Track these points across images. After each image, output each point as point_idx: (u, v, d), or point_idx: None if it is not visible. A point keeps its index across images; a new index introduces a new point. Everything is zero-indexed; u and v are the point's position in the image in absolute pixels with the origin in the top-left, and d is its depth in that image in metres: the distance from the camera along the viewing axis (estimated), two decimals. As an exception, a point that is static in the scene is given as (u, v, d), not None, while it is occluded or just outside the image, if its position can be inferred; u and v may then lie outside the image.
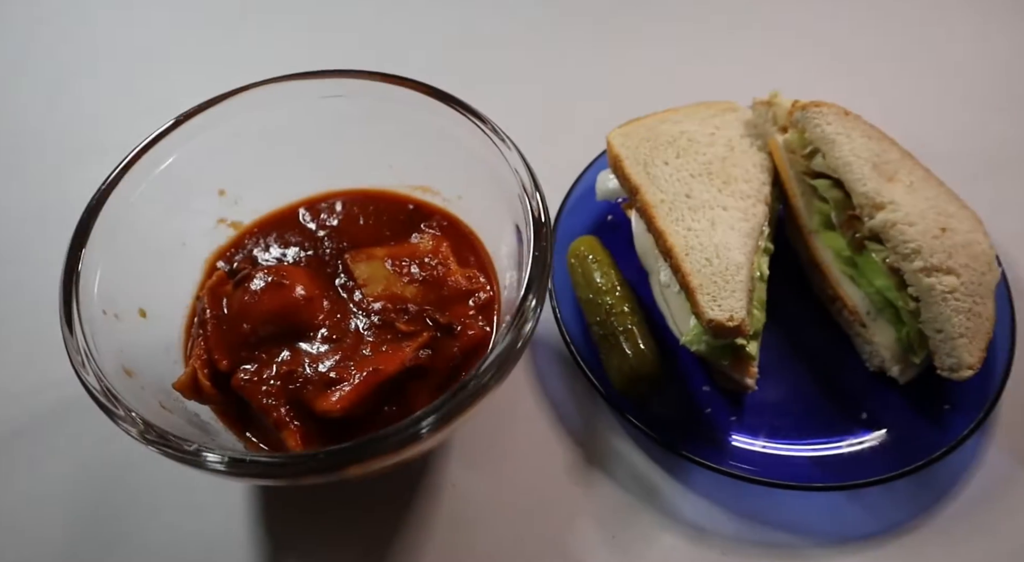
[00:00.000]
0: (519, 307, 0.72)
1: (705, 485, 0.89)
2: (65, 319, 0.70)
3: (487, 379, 0.69)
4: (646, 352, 0.90)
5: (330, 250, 0.92)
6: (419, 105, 0.88)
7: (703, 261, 0.89)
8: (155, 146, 0.84)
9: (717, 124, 1.03)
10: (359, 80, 0.88)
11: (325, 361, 0.80)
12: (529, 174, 0.80)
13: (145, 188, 0.83)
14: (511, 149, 0.82)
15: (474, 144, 0.85)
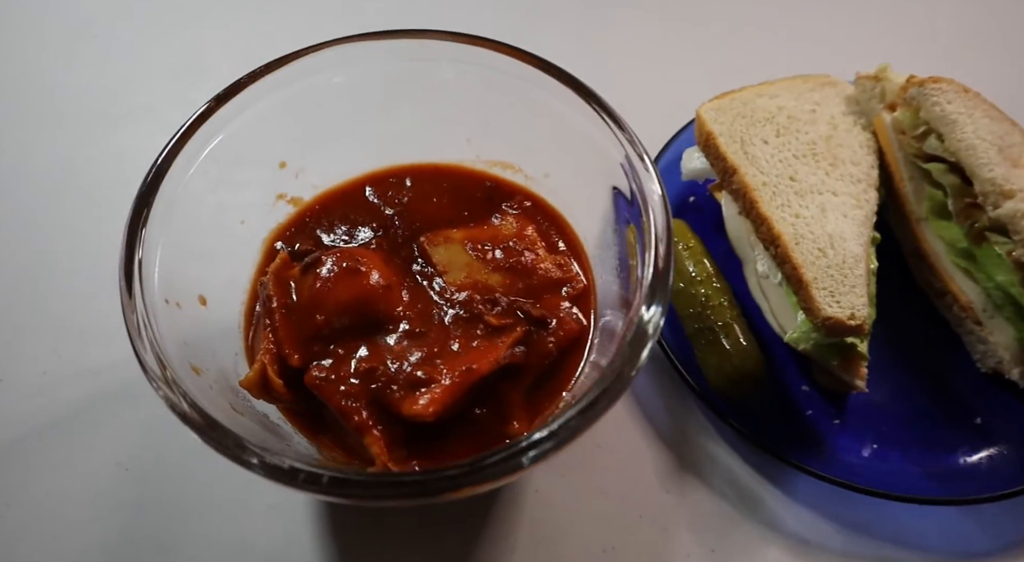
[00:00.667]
0: (637, 326, 0.63)
1: (809, 494, 0.82)
2: (129, 307, 0.61)
3: (602, 404, 0.61)
4: (749, 349, 0.82)
5: (402, 231, 0.83)
6: (505, 70, 0.78)
7: (815, 252, 0.81)
8: (213, 114, 0.74)
9: (816, 100, 0.95)
10: (437, 41, 0.78)
11: (410, 358, 0.71)
12: (645, 156, 0.71)
13: (203, 160, 0.74)
14: (619, 126, 0.73)
15: (571, 116, 0.76)
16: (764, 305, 0.89)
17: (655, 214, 0.69)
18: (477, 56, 0.78)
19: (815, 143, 0.90)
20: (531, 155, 0.85)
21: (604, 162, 0.75)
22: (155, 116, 1.07)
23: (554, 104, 0.77)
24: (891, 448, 0.83)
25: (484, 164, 0.88)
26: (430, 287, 0.78)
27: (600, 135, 0.74)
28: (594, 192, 0.78)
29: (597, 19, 1.27)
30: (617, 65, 1.19)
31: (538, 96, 0.78)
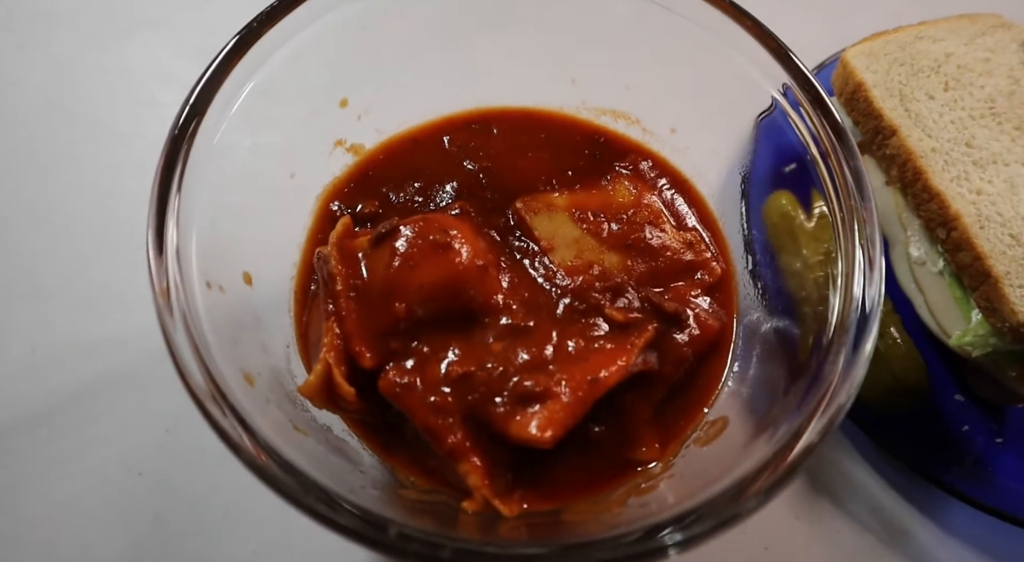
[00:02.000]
0: (852, 348, 0.48)
1: (967, 526, 0.69)
2: (165, 307, 0.44)
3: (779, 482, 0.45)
4: (910, 354, 0.67)
5: (490, 194, 0.67)
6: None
7: (1007, 239, 0.65)
8: (262, 37, 0.57)
9: (989, 46, 0.78)
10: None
11: (516, 362, 0.56)
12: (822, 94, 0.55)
13: (248, 95, 0.56)
14: (780, 57, 0.56)
15: (714, 45, 0.59)
16: (917, 298, 0.74)
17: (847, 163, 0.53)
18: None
19: (994, 100, 0.73)
20: (653, 102, 0.68)
21: (753, 99, 0.58)
22: (165, 31, 0.88)
23: (689, 30, 0.60)
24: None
25: (591, 112, 0.71)
26: (533, 268, 0.62)
27: (753, 69, 0.57)
28: (737, 150, 0.62)
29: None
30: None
31: (666, 20, 0.60)
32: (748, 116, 0.60)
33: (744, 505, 0.43)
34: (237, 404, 0.43)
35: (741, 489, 0.44)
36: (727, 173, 0.67)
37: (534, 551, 0.41)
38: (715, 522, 0.42)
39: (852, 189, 0.53)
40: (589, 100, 0.70)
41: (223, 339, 0.48)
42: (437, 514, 0.55)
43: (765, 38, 0.57)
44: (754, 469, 0.45)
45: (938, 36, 0.78)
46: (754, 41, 0.57)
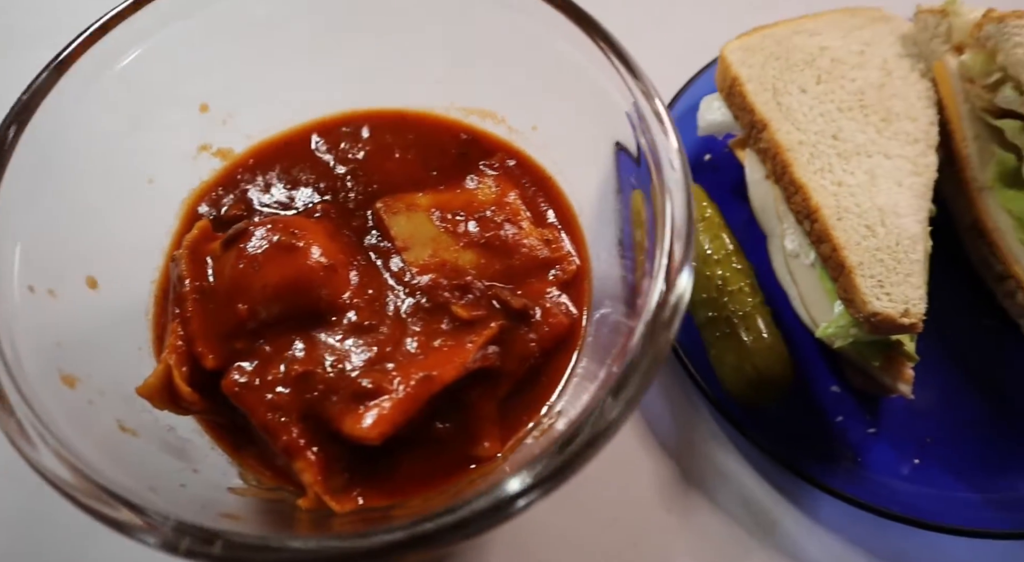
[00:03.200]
0: (659, 304, 0.49)
1: (836, 517, 0.70)
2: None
3: (613, 417, 0.46)
4: (775, 347, 0.68)
5: (355, 195, 0.68)
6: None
7: (862, 230, 0.66)
8: (108, 34, 0.58)
9: (865, 39, 0.78)
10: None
11: (356, 360, 0.57)
12: (658, 104, 0.55)
13: (94, 96, 0.58)
14: (627, 67, 0.57)
15: (567, 52, 0.60)
16: (792, 290, 0.74)
17: (669, 176, 0.53)
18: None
19: (863, 93, 0.73)
20: (517, 102, 0.68)
21: (606, 112, 0.59)
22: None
23: (546, 37, 0.61)
24: (936, 465, 0.70)
25: (459, 112, 0.71)
26: (386, 268, 0.63)
27: (603, 77, 0.58)
28: (593, 149, 0.62)
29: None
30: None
31: (526, 26, 0.61)
32: (600, 116, 0.60)
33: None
34: (32, 403, 0.44)
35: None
36: (595, 170, 0.67)
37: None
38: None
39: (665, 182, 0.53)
40: (457, 100, 0.71)
41: (42, 342, 0.49)
42: (276, 512, 0.56)
43: (609, 45, 0.58)
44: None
45: (816, 30, 0.78)
46: (597, 49, 0.58)
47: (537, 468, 0.45)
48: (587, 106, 0.61)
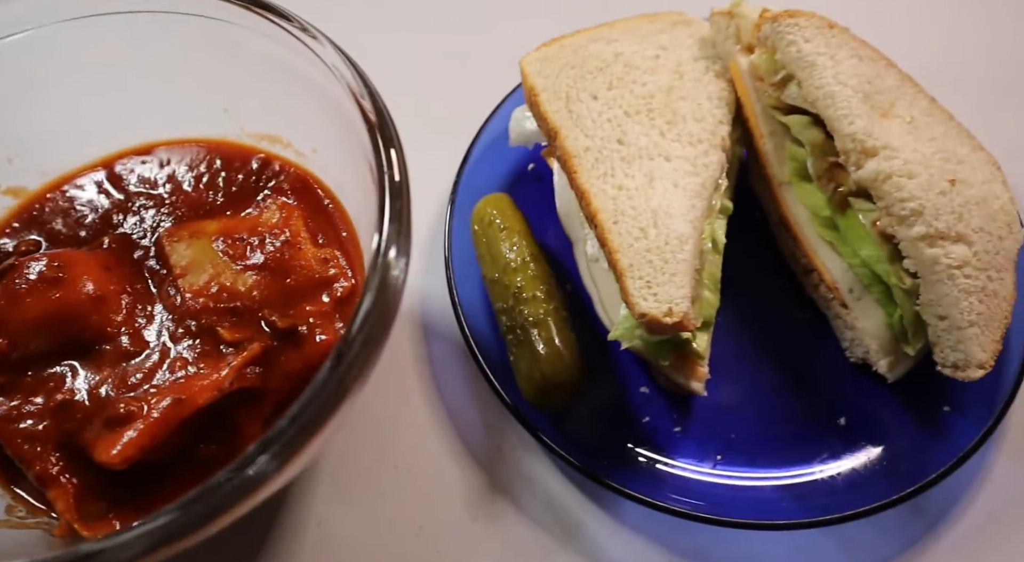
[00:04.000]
0: (371, 270, 0.50)
1: (640, 517, 0.70)
2: None
3: (323, 398, 0.48)
4: (563, 352, 0.69)
5: (147, 225, 0.69)
6: (247, 25, 0.64)
7: (636, 232, 0.67)
8: None
9: (663, 43, 0.79)
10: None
11: (114, 388, 0.58)
12: (356, 75, 0.57)
13: None
14: (328, 47, 0.59)
15: (314, 73, 0.62)
16: (594, 294, 0.75)
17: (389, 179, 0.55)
18: (209, 8, 0.63)
19: (653, 96, 0.75)
20: (297, 127, 0.70)
21: (360, 135, 0.60)
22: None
23: (309, 69, 0.62)
24: (739, 459, 0.71)
25: (251, 138, 0.73)
26: (162, 295, 0.64)
27: (349, 105, 0.60)
28: (361, 165, 0.64)
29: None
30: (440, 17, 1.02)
31: (291, 59, 0.63)
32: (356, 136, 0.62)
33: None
34: None
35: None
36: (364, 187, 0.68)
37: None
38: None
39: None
40: (247, 126, 0.72)
41: None
42: (36, 541, 0.57)
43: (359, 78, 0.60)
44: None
45: (613, 37, 0.80)
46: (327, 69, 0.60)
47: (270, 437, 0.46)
48: (347, 130, 0.62)
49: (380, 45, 0.97)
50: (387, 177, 0.55)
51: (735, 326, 0.77)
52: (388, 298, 0.52)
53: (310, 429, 0.48)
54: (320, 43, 0.59)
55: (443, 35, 1.00)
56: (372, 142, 0.56)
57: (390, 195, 0.55)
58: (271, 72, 0.66)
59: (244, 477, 0.47)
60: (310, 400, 0.48)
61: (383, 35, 0.99)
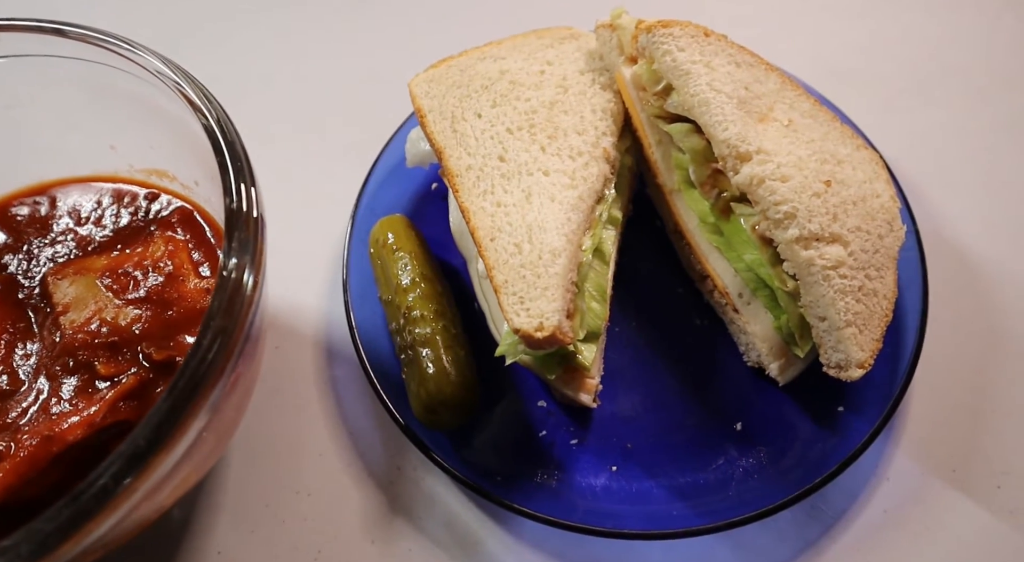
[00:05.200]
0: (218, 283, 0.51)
1: (538, 533, 0.70)
2: None
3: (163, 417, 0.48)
4: (448, 370, 0.69)
5: (35, 264, 0.70)
6: (111, 63, 0.65)
7: (511, 248, 0.67)
8: None
9: (549, 58, 0.80)
10: (11, 34, 0.64)
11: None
12: (210, 105, 0.58)
13: None
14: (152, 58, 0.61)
15: (166, 102, 0.63)
16: (486, 310, 0.76)
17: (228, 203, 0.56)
18: (61, 47, 0.64)
19: (535, 112, 0.75)
20: (179, 160, 0.71)
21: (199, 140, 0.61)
22: None
23: (164, 101, 0.63)
24: (634, 470, 0.71)
25: (140, 173, 0.74)
26: (43, 332, 0.65)
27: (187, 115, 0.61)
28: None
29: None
30: (331, 46, 1.04)
31: (153, 95, 0.64)
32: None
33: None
34: None
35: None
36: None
37: None
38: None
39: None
40: (135, 163, 0.73)
41: None
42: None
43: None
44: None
45: (500, 55, 0.80)
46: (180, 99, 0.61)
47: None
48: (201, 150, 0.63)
49: (282, 73, 0.99)
50: (229, 201, 0.56)
51: (634, 335, 0.78)
52: (234, 304, 0.52)
53: (157, 444, 0.48)
54: (142, 56, 0.60)
55: (347, 60, 1.01)
56: (212, 145, 0.57)
57: (227, 215, 0.55)
58: (145, 110, 0.67)
59: (93, 495, 0.47)
60: (153, 419, 0.48)
61: (285, 63, 1.00)
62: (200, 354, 0.50)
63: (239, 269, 0.53)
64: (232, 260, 0.54)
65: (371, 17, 1.06)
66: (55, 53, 0.64)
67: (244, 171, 0.57)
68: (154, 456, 0.48)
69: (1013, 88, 0.95)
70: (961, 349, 0.77)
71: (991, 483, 0.70)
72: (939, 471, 0.71)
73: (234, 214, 0.55)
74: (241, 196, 0.56)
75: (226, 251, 0.54)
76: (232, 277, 0.53)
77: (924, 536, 0.68)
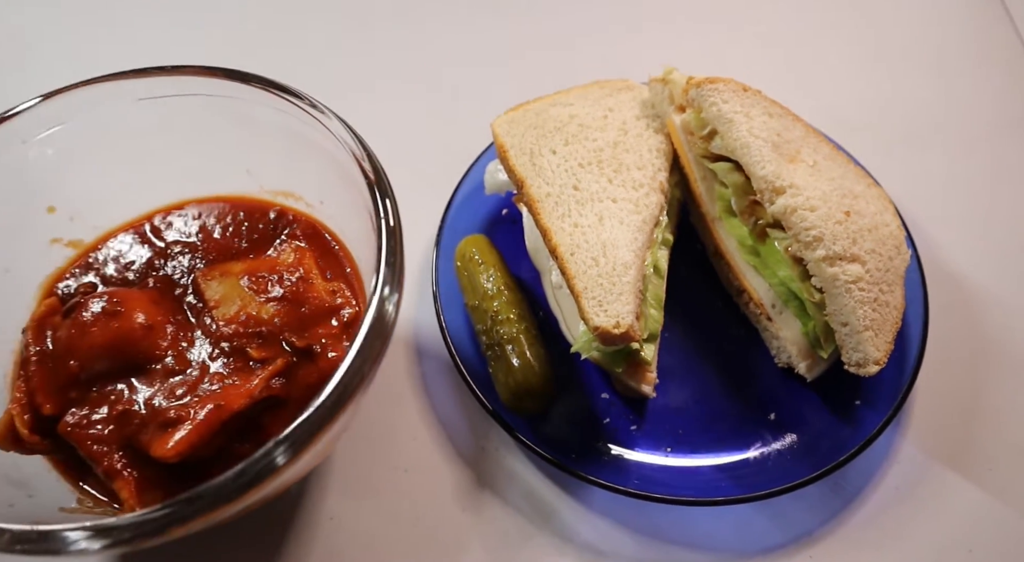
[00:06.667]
0: (370, 301, 0.64)
1: (604, 503, 0.83)
2: None
3: (331, 402, 0.61)
4: (532, 363, 0.82)
5: (182, 268, 0.83)
6: (263, 102, 0.79)
7: (589, 261, 0.81)
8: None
9: (610, 105, 0.95)
10: (193, 77, 0.78)
11: (165, 398, 0.71)
12: (357, 141, 0.72)
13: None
14: (334, 120, 0.74)
15: (318, 138, 0.77)
16: (559, 315, 0.89)
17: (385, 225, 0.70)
18: (223, 87, 0.78)
19: (602, 150, 0.90)
20: (307, 182, 0.85)
21: (353, 178, 0.75)
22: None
23: (308, 131, 0.77)
24: (685, 450, 0.83)
25: (268, 194, 0.87)
26: (199, 323, 0.78)
27: (355, 170, 0.74)
28: (361, 212, 0.78)
29: (411, 37, 1.28)
30: (424, 88, 1.19)
31: (295, 125, 0.78)
32: (359, 194, 0.76)
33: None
34: None
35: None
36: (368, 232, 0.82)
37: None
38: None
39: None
40: (265, 184, 0.87)
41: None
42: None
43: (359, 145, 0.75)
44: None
45: (568, 101, 0.95)
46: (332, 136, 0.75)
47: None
48: (346, 180, 0.77)
49: (375, 112, 1.13)
50: (383, 223, 0.69)
51: (681, 340, 0.91)
52: (383, 327, 0.64)
53: (318, 428, 0.60)
54: (327, 117, 0.74)
55: (428, 103, 1.16)
56: (371, 196, 0.70)
57: (386, 238, 0.68)
58: (284, 139, 0.80)
59: (268, 462, 0.59)
60: (319, 406, 0.60)
61: (378, 104, 1.15)
62: (353, 368, 0.62)
63: (390, 299, 0.65)
64: (386, 289, 0.65)
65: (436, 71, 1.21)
66: (226, 94, 0.78)
67: (390, 193, 0.70)
68: (327, 429, 0.60)
69: (997, 138, 1.11)
70: (956, 355, 0.91)
71: (983, 466, 0.84)
72: (940, 456, 0.85)
73: (389, 249, 0.67)
74: (389, 214, 0.69)
75: (380, 281, 0.66)
76: (384, 304, 0.65)
77: (928, 509, 0.82)
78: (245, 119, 0.80)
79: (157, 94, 0.79)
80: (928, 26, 1.25)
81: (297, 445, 0.60)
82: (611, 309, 0.77)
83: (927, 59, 1.21)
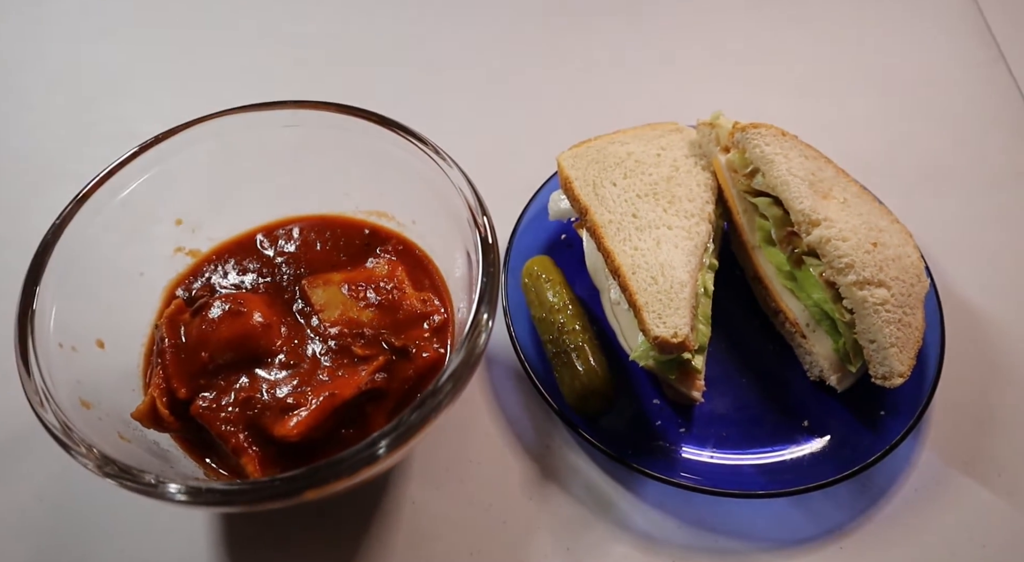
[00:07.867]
0: (472, 322, 0.75)
1: (656, 495, 0.93)
2: (21, 359, 0.71)
3: (442, 396, 0.71)
4: (596, 369, 0.93)
5: (288, 276, 0.94)
6: (368, 133, 0.90)
7: (648, 280, 0.92)
8: (113, 176, 0.86)
9: (663, 145, 1.07)
10: (312, 111, 0.91)
11: (282, 387, 0.82)
12: (474, 193, 0.83)
13: (103, 219, 0.85)
14: (454, 169, 0.85)
15: (421, 168, 0.88)
16: (617, 329, 1.00)
17: (480, 230, 0.81)
18: (339, 121, 0.90)
19: (657, 183, 1.02)
20: (399, 203, 0.96)
21: (449, 201, 0.86)
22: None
23: (403, 156, 0.89)
24: (728, 450, 0.94)
25: (363, 214, 0.99)
26: (307, 324, 0.89)
27: (438, 178, 0.86)
28: (452, 232, 0.89)
29: (488, 77, 1.41)
30: (495, 122, 1.32)
31: (391, 150, 0.90)
32: (452, 215, 0.87)
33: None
34: (67, 417, 0.69)
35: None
36: (456, 250, 0.93)
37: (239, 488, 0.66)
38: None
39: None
40: (360, 206, 0.99)
41: (67, 378, 0.74)
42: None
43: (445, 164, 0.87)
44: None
45: (625, 140, 1.07)
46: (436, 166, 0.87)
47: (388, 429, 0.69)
48: (442, 207, 0.88)
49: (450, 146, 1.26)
50: (486, 271, 0.79)
51: (723, 354, 1.02)
52: (474, 356, 0.74)
53: (415, 429, 0.70)
54: (449, 166, 0.85)
55: (496, 137, 1.29)
56: (479, 248, 0.81)
57: (489, 283, 0.78)
58: (396, 171, 0.91)
59: (372, 451, 0.69)
60: (417, 412, 0.70)
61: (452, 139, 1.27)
62: (446, 384, 0.72)
63: (486, 324, 0.76)
64: (483, 315, 0.76)
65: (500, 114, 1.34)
66: (357, 130, 0.90)
67: (496, 263, 0.81)
68: (422, 429, 0.70)
69: (1005, 181, 1.23)
70: (969, 373, 1.02)
71: (993, 472, 0.94)
72: (955, 462, 0.95)
73: (488, 277, 0.78)
74: (493, 277, 0.79)
75: (478, 306, 0.77)
76: (479, 329, 0.75)
77: (945, 508, 0.92)
78: (368, 153, 0.91)
79: (295, 123, 0.91)
80: (940, 87, 1.39)
81: (396, 442, 0.70)
82: (669, 321, 0.88)
83: (939, 114, 1.34)
